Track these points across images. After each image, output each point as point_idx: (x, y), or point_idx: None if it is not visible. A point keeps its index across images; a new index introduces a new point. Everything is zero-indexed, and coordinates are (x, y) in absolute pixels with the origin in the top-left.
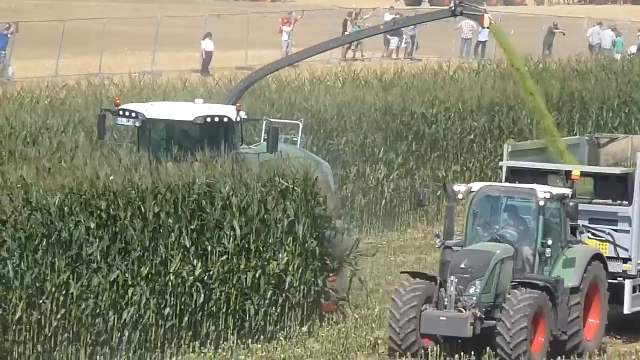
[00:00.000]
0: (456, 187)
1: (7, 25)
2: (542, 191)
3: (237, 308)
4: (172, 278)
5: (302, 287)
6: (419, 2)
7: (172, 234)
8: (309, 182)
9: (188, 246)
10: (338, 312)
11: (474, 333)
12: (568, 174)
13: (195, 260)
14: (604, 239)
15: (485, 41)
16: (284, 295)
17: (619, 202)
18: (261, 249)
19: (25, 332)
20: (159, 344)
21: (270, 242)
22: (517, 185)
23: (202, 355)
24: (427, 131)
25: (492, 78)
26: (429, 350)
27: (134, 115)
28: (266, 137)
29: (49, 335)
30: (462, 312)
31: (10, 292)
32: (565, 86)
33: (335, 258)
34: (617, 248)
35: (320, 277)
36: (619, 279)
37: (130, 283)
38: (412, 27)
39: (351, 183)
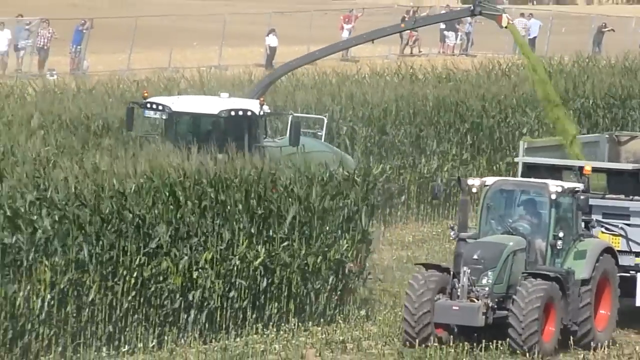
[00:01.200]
0: (470, 181)
1: (83, 22)
2: (554, 185)
3: (298, 292)
4: (237, 262)
5: (361, 273)
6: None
7: (239, 221)
8: (369, 172)
9: (253, 232)
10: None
11: (486, 322)
12: (581, 169)
13: (259, 246)
14: (616, 233)
15: (535, 37)
16: (343, 280)
17: (631, 197)
18: (322, 235)
19: (98, 313)
20: (224, 326)
21: (331, 229)
22: (530, 179)
23: (265, 336)
24: (483, 123)
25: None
26: (444, 340)
27: (160, 107)
28: (289, 131)
29: (120, 315)
30: (474, 302)
31: (85, 275)
32: (612, 82)
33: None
34: (630, 242)
35: None
36: (631, 272)
37: (196, 267)
38: (468, 24)
39: (407, 173)
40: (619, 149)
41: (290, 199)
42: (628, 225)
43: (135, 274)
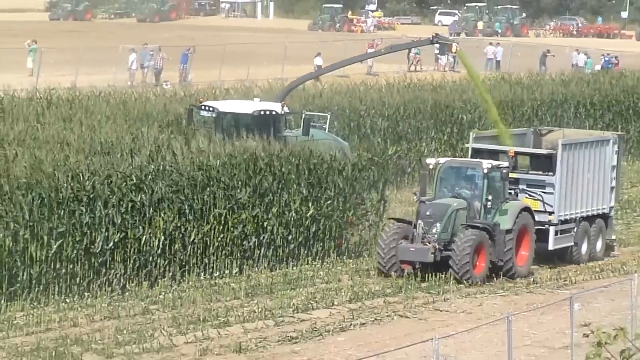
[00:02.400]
0: (428, 160)
1: (188, 48)
2: (486, 163)
3: (337, 235)
4: (294, 215)
5: (380, 223)
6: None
7: (295, 185)
8: (388, 155)
9: (305, 194)
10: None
11: (435, 260)
12: (508, 153)
13: (310, 203)
14: (536, 198)
15: (500, 60)
16: (370, 227)
17: (546, 173)
18: (354, 197)
19: (197, 249)
20: (285, 259)
21: (360, 192)
22: (471, 159)
23: (313, 266)
24: (465, 118)
25: (506, 84)
26: (407, 272)
27: (211, 109)
28: (302, 125)
29: (213, 252)
30: (426, 245)
31: (187, 223)
32: (554, 91)
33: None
34: (545, 205)
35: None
36: (545, 226)
37: (265, 217)
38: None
39: (412, 153)
40: (541, 139)
41: (331, 171)
42: (544, 193)
43: (222, 222)
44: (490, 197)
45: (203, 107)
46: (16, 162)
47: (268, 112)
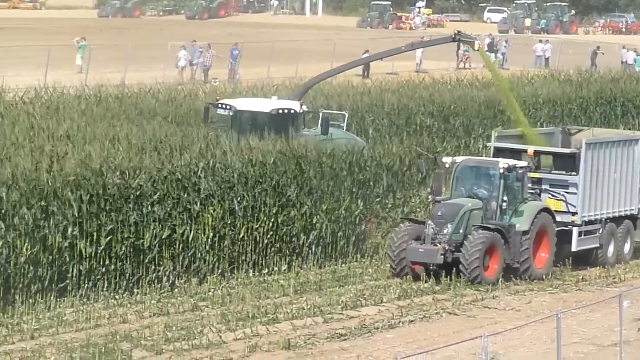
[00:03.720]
0: (444, 159)
1: (236, 45)
2: (503, 162)
3: (388, 233)
4: (343, 212)
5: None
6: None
7: (345, 183)
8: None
9: (354, 191)
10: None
11: (445, 261)
12: (527, 152)
13: (359, 200)
14: (559, 198)
15: (549, 57)
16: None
17: (570, 173)
18: (402, 193)
19: (246, 246)
20: (334, 256)
21: (409, 189)
22: (487, 158)
23: (362, 263)
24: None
25: (555, 81)
26: (418, 273)
27: (228, 107)
28: (321, 124)
29: (262, 248)
30: (436, 246)
31: (236, 220)
32: (603, 89)
33: None
34: (568, 205)
35: None
36: (569, 226)
37: (314, 214)
38: (504, 46)
39: (461, 152)
40: (570, 139)
41: (379, 169)
42: (567, 193)
43: (272, 219)
44: (506, 198)
45: (220, 105)
46: (66, 158)
47: (286, 111)
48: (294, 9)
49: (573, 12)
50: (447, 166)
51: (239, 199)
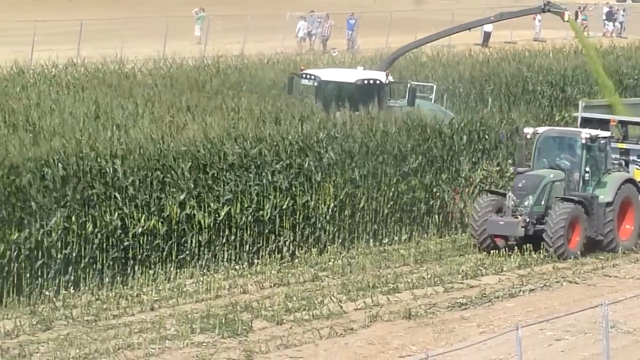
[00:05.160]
0: (526, 130)
1: (352, 14)
2: (585, 133)
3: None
4: (463, 181)
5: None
6: None
7: (464, 152)
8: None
9: (475, 161)
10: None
11: (527, 233)
12: (620, 121)
13: (478, 170)
14: None
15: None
16: None
17: None
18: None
19: (365, 216)
20: (453, 225)
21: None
22: (569, 128)
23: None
24: (630, 83)
25: None
26: (500, 246)
27: (312, 77)
28: (407, 94)
29: (382, 218)
30: (517, 218)
31: (357, 189)
32: None
33: None
34: None
35: None
36: None
37: (435, 184)
38: (622, 14)
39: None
40: None
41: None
42: None
43: (392, 189)
44: (588, 168)
45: (304, 75)
46: (185, 129)
47: (372, 81)
48: None
49: None
50: (529, 137)
51: (359, 168)
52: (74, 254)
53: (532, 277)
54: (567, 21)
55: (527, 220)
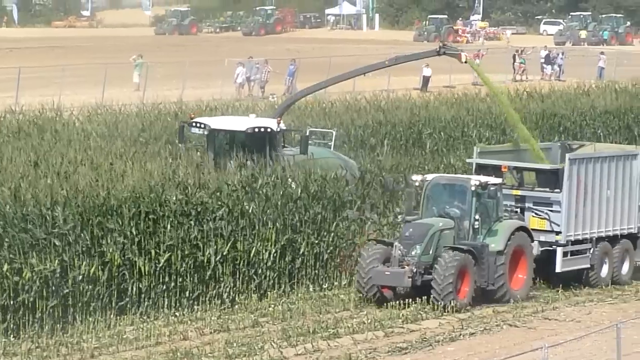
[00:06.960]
0: (414, 177)
1: (293, 61)
2: (474, 179)
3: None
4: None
5: None
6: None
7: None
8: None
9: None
10: None
11: (414, 284)
12: (515, 167)
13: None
14: (542, 217)
15: (603, 68)
16: None
17: (552, 190)
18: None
19: (306, 262)
20: None
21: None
22: (458, 175)
23: None
24: (569, 126)
25: (611, 92)
26: (388, 298)
27: (202, 126)
28: (299, 143)
29: (323, 263)
30: (404, 268)
31: (297, 235)
32: None
33: None
34: (552, 224)
35: None
36: (552, 246)
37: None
38: (560, 57)
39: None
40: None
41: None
42: (551, 211)
43: (332, 235)
44: (478, 216)
45: (194, 124)
46: (125, 176)
47: (262, 129)
48: (350, 23)
49: (628, 23)
50: (417, 184)
51: (299, 214)
52: (10, 302)
53: (472, 321)
54: (466, 62)
55: (415, 270)
